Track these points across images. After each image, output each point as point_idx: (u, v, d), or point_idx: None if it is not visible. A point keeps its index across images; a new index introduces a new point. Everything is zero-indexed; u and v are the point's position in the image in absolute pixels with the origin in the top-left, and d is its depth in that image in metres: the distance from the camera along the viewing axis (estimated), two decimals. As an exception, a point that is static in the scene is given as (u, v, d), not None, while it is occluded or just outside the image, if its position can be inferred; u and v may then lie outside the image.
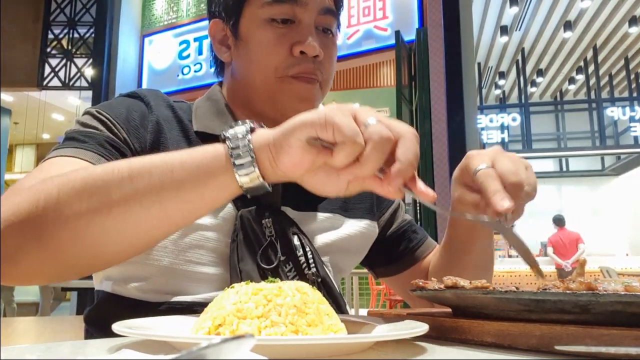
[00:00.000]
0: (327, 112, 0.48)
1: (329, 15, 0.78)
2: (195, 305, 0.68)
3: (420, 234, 0.93)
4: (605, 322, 0.38)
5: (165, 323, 0.50)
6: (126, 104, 0.75)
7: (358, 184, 0.52)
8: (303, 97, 0.76)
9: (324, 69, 0.78)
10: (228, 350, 0.22)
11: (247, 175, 0.51)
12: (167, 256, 0.69)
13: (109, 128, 0.70)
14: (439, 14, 3.89)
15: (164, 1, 5.69)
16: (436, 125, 3.69)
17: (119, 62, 5.29)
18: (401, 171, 0.48)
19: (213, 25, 0.83)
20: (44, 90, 5.57)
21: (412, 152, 0.48)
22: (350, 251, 0.84)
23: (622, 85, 10.66)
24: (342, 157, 0.48)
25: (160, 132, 0.73)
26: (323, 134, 0.48)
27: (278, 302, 0.42)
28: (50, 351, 0.41)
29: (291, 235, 0.73)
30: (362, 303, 6.71)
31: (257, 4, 0.76)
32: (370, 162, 0.48)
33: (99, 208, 0.52)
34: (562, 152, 10.15)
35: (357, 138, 0.47)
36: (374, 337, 0.42)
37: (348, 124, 0.47)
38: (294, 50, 0.75)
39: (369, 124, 0.48)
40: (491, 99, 11.68)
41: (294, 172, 0.51)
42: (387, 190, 0.50)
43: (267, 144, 0.51)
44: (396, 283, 0.94)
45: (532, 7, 8.05)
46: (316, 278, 0.73)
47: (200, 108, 0.81)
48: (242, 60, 0.79)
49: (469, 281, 0.51)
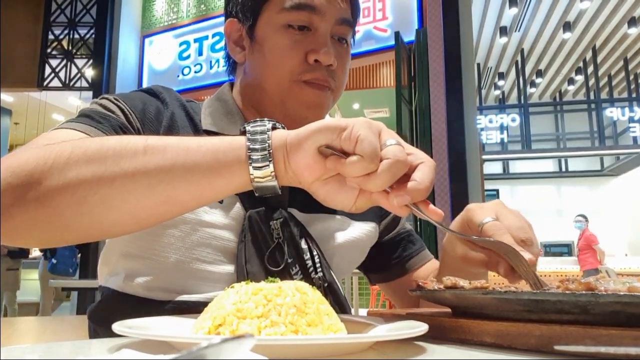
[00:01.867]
0: (355, 123, 0.49)
1: (346, 26, 0.79)
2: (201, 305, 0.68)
3: (418, 244, 0.92)
4: (604, 322, 0.38)
5: (166, 323, 0.50)
6: (143, 97, 0.75)
7: (366, 199, 0.53)
8: (313, 103, 0.76)
9: (337, 78, 0.79)
10: (228, 350, 0.22)
11: (260, 170, 0.51)
12: (174, 253, 0.69)
13: (125, 115, 0.70)
14: (438, 14, 3.89)
15: (164, 2, 5.69)
16: (436, 126, 3.69)
17: (119, 63, 5.29)
18: (413, 190, 0.49)
19: (229, 24, 0.83)
20: (45, 91, 5.56)
21: (428, 178, 0.49)
22: (354, 253, 0.84)
23: (621, 85, 10.67)
24: (355, 169, 0.48)
25: (173, 127, 0.73)
26: (345, 144, 0.49)
27: (278, 302, 0.42)
28: (51, 351, 0.41)
29: (299, 239, 0.73)
30: (362, 303, 6.71)
31: (275, 9, 0.76)
32: (380, 180, 0.48)
33: (104, 177, 0.51)
34: (561, 152, 10.15)
35: (375, 157, 0.48)
36: (373, 337, 0.42)
37: (372, 141, 0.48)
38: (308, 58, 0.75)
39: (390, 144, 0.49)
40: (491, 100, 11.68)
41: (305, 176, 0.51)
42: (393, 204, 0.50)
43: (283, 143, 0.51)
44: (390, 291, 0.93)
45: (532, 7, 8.05)
46: (322, 283, 0.73)
47: (209, 108, 0.81)
48: (256, 62, 0.79)
49: (468, 281, 0.51)
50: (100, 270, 0.78)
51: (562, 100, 11.26)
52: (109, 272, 0.74)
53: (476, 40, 8.64)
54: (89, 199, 0.51)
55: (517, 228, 0.57)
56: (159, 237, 0.69)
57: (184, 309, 0.67)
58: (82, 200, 0.51)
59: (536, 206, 10.43)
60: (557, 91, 11.34)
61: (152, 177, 0.51)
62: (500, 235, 0.56)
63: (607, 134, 10.06)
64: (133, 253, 0.71)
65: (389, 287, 0.92)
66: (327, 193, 0.53)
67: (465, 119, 3.65)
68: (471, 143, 3.65)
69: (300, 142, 0.50)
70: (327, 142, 0.49)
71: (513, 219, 0.59)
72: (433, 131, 3.70)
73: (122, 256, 0.72)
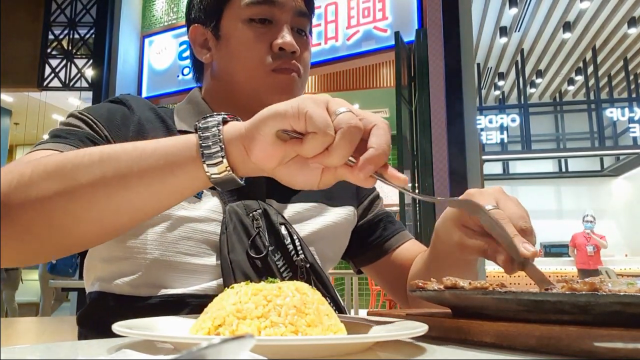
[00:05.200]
0: (299, 102, 0.48)
1: (303, 18, 0.84)
2: (187, 297, 0.69)
3: (397, 225, 0.94)
4: (604, 322, 0.38)
5: (165, 323, 0.50)
6: (108, 106, 0.78)
7: (331, 175, 0.52)
8: (284, 89, 0.80)
9: (301, 64, 0.83)
10: (228, 351, 0.22)
11: (215, 166, 0.51)
12: (157, 249, 0.70)
13: (90, 126, 0.72)
14: (438, 14, 3.89)
15: (164, 2, 5.69)
16: (435, 126, 3.69)
17: (119, 63, 5.28)
18: (374, 158, 0.47)
19: (193, 30, 0.87)
20: (44, 91, 5.56)
21: (384, 141, 0.48)
22: (336, 238, 0.87)
23: (621, 86, 10.66)
24: (313, 147, 0.48)
25: (142, 131, 0.75)
26: (295, 124, 0.48)
27: (278, 302, 0.42)
28: (50, 352, 0.41)
29: (279, 226, 0.76)
30: (362, 303, 6.71)
31: (236, 6, 0.81)
32: (339, 150, 0.47)
33: (64, 190, 0.52)
34: (561, 152, 10.15)
35: (328, 129, 0.47)
36: (373, 337, 0.42)
37: (320, 114, 0.47)
38: (273, 47, 0.80)
39: (339, 112, 0.48)
40: (490, 100, 11.68)
41: (265, 164, 0.51)
42: (358, 177, 0.49)
43: (238, 135, 0.51)
44: (374, 274, 0.95)
45: (532, 8, 8.05)
46: (304, 264, 0.75)
47: (181, 111, 0.84)
48: (224, 59, 0.83)
49: (468, 282, 0.51)
50: (86, 277, 0.79)
51: (562, 101, 11.25)
52: (95, 277, 0.75)
53: (476, 40, 8.64)
54: (54, 214, 0.52)
55: (518, 217, 0.57)
56: (139, 236, 0.70)
57: (170, 303, 0.68)
58: (48, 215, 0.52)
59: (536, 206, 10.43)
60: (557, 91, 11.33)
61: (110, 185, 0.52)
62: (502, 223, 0.55)
63: (607, 135, 10.05)
64: (115, 256, 0.72)
65: (372, 269, 0.94)
66: (290, 174, 0.52)
67: (465, 119, 3.65)
68: (471, 143, 3.65)
69: (257, 132, 0.49)
70: (281, 126, 0.48)
71: (513, 207, 0.59)
72: (433, 131, 3.70)
73: (104, 261, 0.74)
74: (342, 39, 4.53)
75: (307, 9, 0.85)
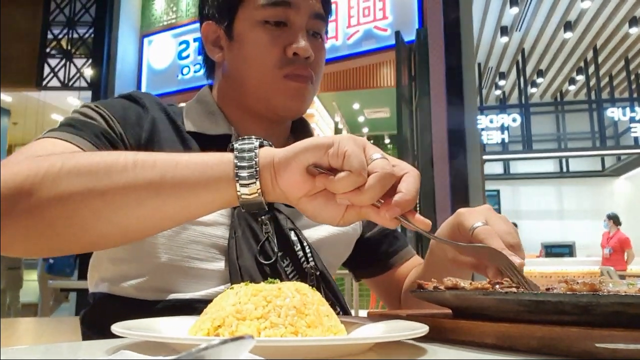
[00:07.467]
0: (340, 140, 0.50)
1: (319, 20, 0.82)
2: (194, 302, 0.68)
3: (402, 241, 0.94)
4: (605, 323, 0.38)
5: (165, 324, 0.50)
6: (123, 103, 0.76)
7: (355, 213, 0.53)
8: (294, 96, 0.79)
9: (315, 70, 0.81)
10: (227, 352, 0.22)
11: (247, 187, 0.52)
12: (165, 252, 0.69)
13: (106, 121, 0.71)
14: (439, 14, 3.89)
15: (164, 1, 5.69)
16: (436, 126, 3.69)
17: (119, 63, 5.28)
18: (402, 202, 0.49)
19: (206, 27, 0.85)
20: (43, 91, 5.56)
21: (414, 188, 0.50)
22: (340, 247, 0.86)
23: (623, 85, 10.66)
24: (345, 184, 0.49)
25: (155, 131, 0.74)
26: (332, 160, 0.50)
27: (278, 303, 0.42)
28: (49, 352, 0.41)
29: (288, 232, 0.75)
30: (362, 304, 6.71)
31: (251, 6, 0.79)
32: (372, 192, 0.49)
33: (94, 190, 0.52)
34: (562, 152, 10.15)
35: (364, 171, 0.49)
36: (374, 338, 0.41)
37: (358, 155, 0.49)
38: (287, 51, 0.77)
39: (375, 158, 0.50)
40: (491, 100, 11.68)
41: (292, 192, 0.52)
42: (384, 217, 0.51)
43: (271, 161, 0.52)
44: (374, 286, 0.95)
45: (533, 7, 8.05)
46: (315, 271, 0.75)
47: (190, 110, 0.83)
48: (236, 60, 0.81)
49: (469, 282, 0.51)
50: (90, 277, 0.78)
51: (563, 101, 11.25)
52: (100, 278, 0.75)
53: (477, 40, 8.64)
54: (79, 211, 0.52)
55: (506, 233, 0.59)
56: (148, 239, 0.69)
57: (177, 308, 0.67)
58: (73, 212, 0.52)
59: (537, 207, 10.43)
60: (558, 91, 11.33)
61: (141, 191, 0.52)
62: (491, 239, 0.57)
63: (608, 134, 10.05)
64: (122, 257, 0.71)
65: (374, 282, 0.95)
66: (315, 208, 0.53)
67: (465, 119, 3.65)
68: (472, 143, 3.64)
69: (289, 162, 0.51)
70: (314, 160, 0.50)
71: (501, 224, 0.61)
72: (433, 131, 3.69)
73: (111, 261, 0.73)
74: (342, 38, 4.53)
75: (323, 10, 0.83)
